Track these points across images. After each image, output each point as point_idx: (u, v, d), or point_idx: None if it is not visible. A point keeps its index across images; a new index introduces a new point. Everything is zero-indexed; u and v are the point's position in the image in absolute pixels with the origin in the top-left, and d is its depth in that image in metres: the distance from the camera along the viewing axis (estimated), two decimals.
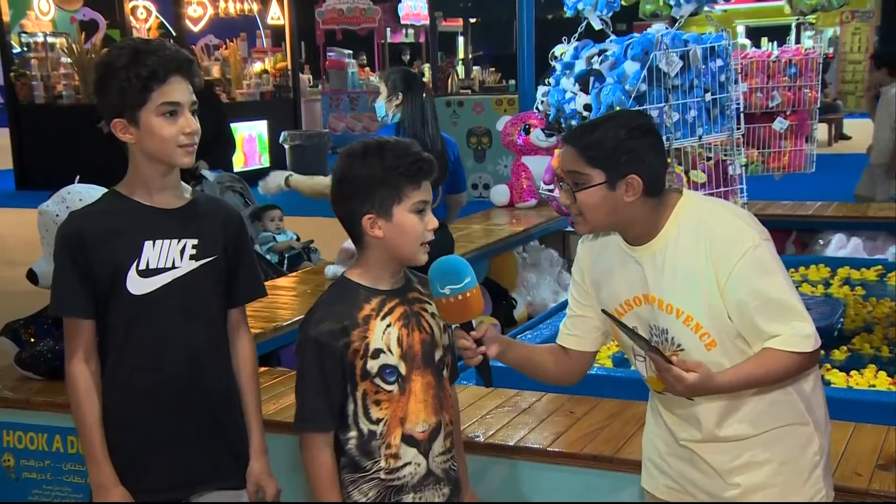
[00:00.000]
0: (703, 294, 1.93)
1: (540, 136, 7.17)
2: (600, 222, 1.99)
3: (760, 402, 1.99)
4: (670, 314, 1.97)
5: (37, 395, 3.27)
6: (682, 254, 1.95)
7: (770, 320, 1.90)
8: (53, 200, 3.07)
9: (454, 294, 1.91)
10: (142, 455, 2.15)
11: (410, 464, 1.98)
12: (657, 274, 1.98)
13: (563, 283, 6.55)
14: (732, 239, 1.92)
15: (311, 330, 1.95)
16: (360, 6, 16.00)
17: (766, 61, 4.67)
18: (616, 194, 1.94)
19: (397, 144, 1.98)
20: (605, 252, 2.10)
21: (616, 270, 2.06)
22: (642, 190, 1.93)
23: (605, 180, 1.93)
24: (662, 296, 1.97)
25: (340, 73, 15.77)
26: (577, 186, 1.96)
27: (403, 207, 1.95)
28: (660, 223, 1.99)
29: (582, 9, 4.07)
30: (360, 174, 1.94)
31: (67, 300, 2.10)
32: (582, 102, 3.71)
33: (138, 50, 2.05)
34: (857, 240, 6.39)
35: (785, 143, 4.72)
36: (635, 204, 1.95)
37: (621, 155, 1.92)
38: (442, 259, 1.95)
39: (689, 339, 1.97)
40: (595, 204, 1.95)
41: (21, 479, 3.30)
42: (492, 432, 2.92)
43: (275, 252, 5.81)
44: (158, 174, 2.12)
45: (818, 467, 2.03)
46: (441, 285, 1.92)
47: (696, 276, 1.93)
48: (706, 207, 2.02)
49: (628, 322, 2.02)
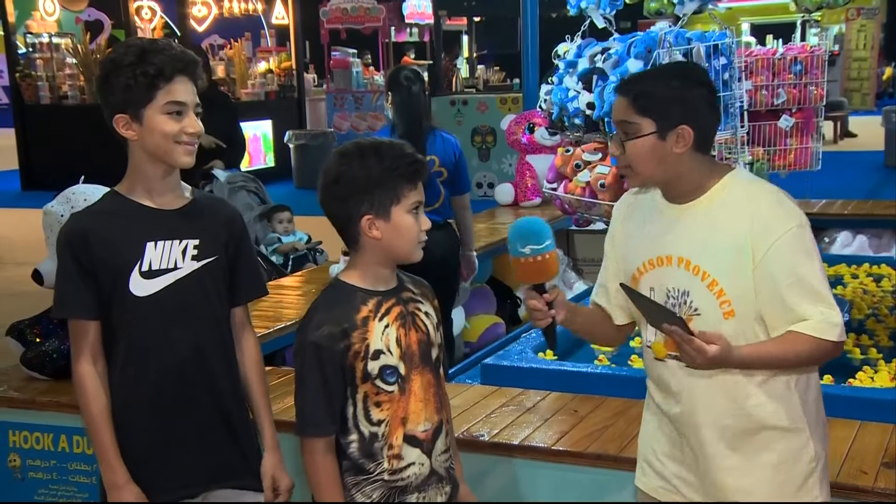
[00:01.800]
0: (734, 263, 1.91)
1: (544, 134, 7.18)
2: (649, 174, 1.98)
3: (760, 397, 1.97)
4: (696, 275, 1.95)
5: (42, 395, 3.28)
6: (724, 220, 1.93)
7: (801, 301, 1.88)
8: (58, 201, 3.08)
9: (535, 254, 1.94)
10: (151, 455, 2.16)
11: (414, 464, 1.98)
12: (692, 233, 1.96)
13: (567, 282, 6.55)
14: (778, 216, 1.91)
15: (310, 334, 1.93)
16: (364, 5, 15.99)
17: (772, 59, 4.66)
18: (666, 144, 1.93)
19: (392, 145, 1.98)
20: (640, 209, 2.10)
21: (647, 226, 2.05)
22: (692, 142, 1.92)
23: (656, 130, 1.93)
24: (691, 256, 1.96)
25: (345, 73, 15.75)
26: (627, 136, 1.95)
27: (401, 208, 1.95)
28: (706, 184, 1.97)
29: (585, 7, 4.08)
30: (358, 175, 1.93)
31: (70, 302, 2.11)
32: (585, 101, 3.72)
33: (145, 49, 2.06)
34: (863, 237, 6.39)
35: (790, 140, 4.71)
36: (684, 157, 1.94)
37: (672, 104, 1.92)
38: (524, 219, 1.99)
39: (708, 304, 1.95)
40: (644, 154, 1.94)
41: (27, 479, 3.31)
42: (496, 431, 2.92)
43: (279, 253, 5.81)
44: (158, 174, 2.12)
45: (813, 474, 2.02)
46: (522, 244, 1.95)
47: (733, 245, 1.91)
48: (757, 184, 2.01)
49: (646, 283, 2.02)
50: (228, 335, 2.25)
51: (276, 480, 2.24)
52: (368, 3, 15.71)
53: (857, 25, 19.30)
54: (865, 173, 11.07)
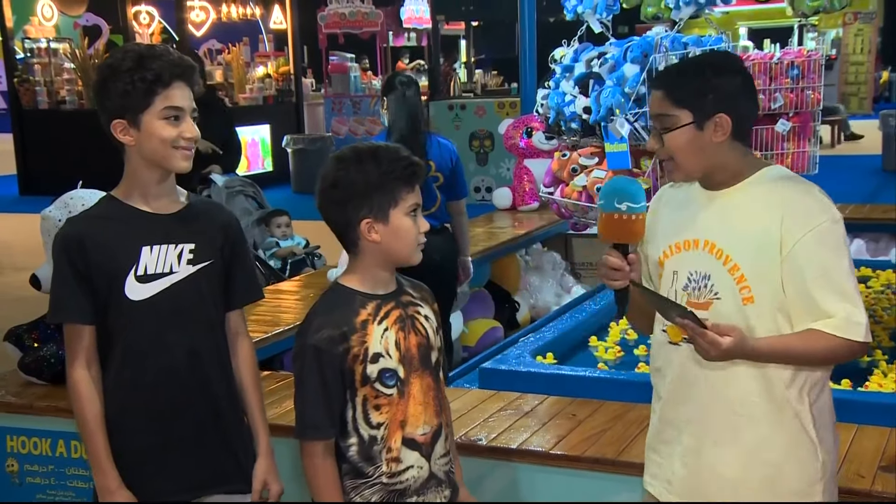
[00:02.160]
0: (760, 250, 1.91)
1: (542, 138, 7.18)
2: (691, 165, 1.97)
3: (769, 404, 1.96)
4: (719, 259, 1.95)
5: (40, 400, 3.28)
6: (756, 208, 1.93)
7: (826, 297, 1.87)
8: (56, 206, 3.08)
9: (629, 213, 1.92)
10: (145, 459, 2.16)
11: (413, 467, 1.98)
12: (722, 218, 1.96)
13: (565, 286, 6.55)
14: (812, 209, 1.91)
15: (309, 337, 1.94)
16: (362, 10, 16.00)
17: (769, 63, 4.66)
18: (704, 134, 1.93)
19: (389, 149, 1.99)
20: (674, 198, 2.10)
21: (678, 210, 2.06)
22: (731, 130, 1.92)
23: (693, 120, 1.93)
24: (717, 239, 1.96)
25: (343, 77, 15.76)
26: (665, 129, 1.95)
27: (399, 211, 1.95)
28: (744, 172, 1.97)
29: (582, 12, 4.09)
30: (356, 179, 1.94)
31: (66, 306, 2.11)
32: (581, 105, 3.72)
33: (143, 54, 2.07)
34: (861, 241, 6.39)
35: (788, 145, 4.71)
36: (724, 146, 1.94)
37: (707, 93, 1.92)
38: (622, 177, 1.97)
39: (728, 289, 1.95)
40: (684, 146, 1.95)
41: (25, 484, 3.31)
42: (494, 435, 2.92)
43: (277, 257, 5.81)
44: (154, 179, 2.13)
45: (819, 481, 2.00)
46: (619, 200, 1.92)
47: (762, 234, 1.91)
48: (794, 179, 2.01)
49: (671, 267, 2.02)
50: (224, 339, 2.25)
51: (267, 485, 2.24)
52: (366, 8, 15.73)
53: (855, 30, 19.35)
54: (863, 177, 11.06)
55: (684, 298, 2.01)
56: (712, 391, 1.99)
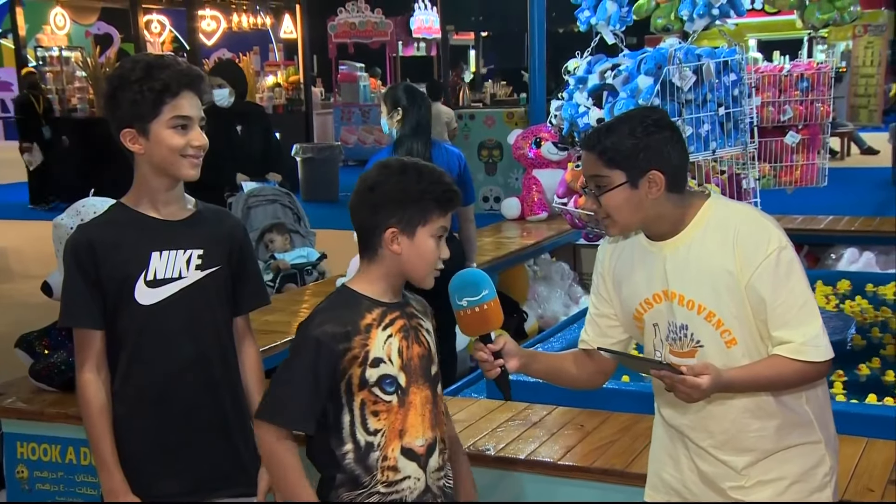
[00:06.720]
0: (727, 291, 1.93)
1: (551, 149, 7.19)
2: (628, 221, 2.00)
3: (776, 415, 1.98)
4: (691, 310, 1.97)
5: (50, 407, 3.29)
6: (708, 250, 1.95)
7: (783, 325, 1.90)
8: (68, 214, 3.10)
9: (472, 306, 1.95)
10: (151, 463, 2.18)
11: (410, 478, 1.97)
12: (680, 269, 1.98)
13: (573, 297, 6.55)
14: (759, 239, 1.92)
15: (312, 329, 1.94)
16: (372, 20, 16.09)
17: (778, 75, 4.67)
18: (640, 192, 1.95)
19: (434, 170, 2.02)
20: (626, 250, 2.11)
21: (636, 268, 2.07)
22: (665, 185, 1.94)
23: (627, 180, 1.95)
24: (684, 292, 1.97)
25: (352, 87, 15.83)
26: (600, 190, 1.97)
27: (427, 231, 1.97)
28: (686, 218, 1.99)
29: (595, 23, 4.09)
30: (395, 187, 1.96)
31: (76, 311, 2.14)
32: (595, 117, 3.72)
33: (152, 64, 2.09)
34: (870, 254, 6.37)
35: (797, 157, 4.72)
36: (660, 200, 1.96)
37: (639, 152, 1.93)
38: (461, 272, 1.99)
39: (709, 335, 1.96)
40: (620, 204, 1.96)
41: (34, 491, 3.32)
42: (502, 445, 2.92)
43: (271, 271, 5.79)
44: (163, 186, 2.16)
45: (826, 488, 2.02)
46: (459, 297, 1.96)
47: (722, 272, 1.93)
48: (733, 208, 2.03)
49: (650, 320, 2.04)
50: (231, 344, 2.28)
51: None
52: (376, 18, 15.81)
53: (865, 42, 19.33)
54: (872, 190, 11.04)
55: (667, 349, 2.03)
56: (712, 412, 2.01)
